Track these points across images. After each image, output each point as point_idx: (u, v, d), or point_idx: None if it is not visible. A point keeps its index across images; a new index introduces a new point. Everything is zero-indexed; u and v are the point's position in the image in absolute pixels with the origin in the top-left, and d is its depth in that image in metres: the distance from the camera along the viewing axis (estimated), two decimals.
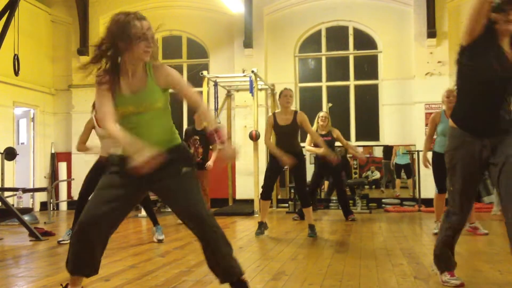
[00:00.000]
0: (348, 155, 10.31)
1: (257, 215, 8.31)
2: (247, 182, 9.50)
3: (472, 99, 3.13)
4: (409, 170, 10.34)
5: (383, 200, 9.89)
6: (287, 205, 9.62)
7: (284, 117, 6.05)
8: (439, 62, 9.91)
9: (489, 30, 3.04)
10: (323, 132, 7.78)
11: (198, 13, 11.14)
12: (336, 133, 7.94)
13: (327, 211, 9.28)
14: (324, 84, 10.85)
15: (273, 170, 6.15)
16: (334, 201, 9.55)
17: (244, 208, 8.93)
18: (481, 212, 8.13)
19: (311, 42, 10.97)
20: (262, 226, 6.21)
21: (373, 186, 11.14)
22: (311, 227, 5.99)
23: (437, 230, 6.06)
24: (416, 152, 9.71)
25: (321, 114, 7.96)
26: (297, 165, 6.01)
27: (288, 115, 6.04)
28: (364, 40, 10.71)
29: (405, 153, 10.32)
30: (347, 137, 10.12)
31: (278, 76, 10.60)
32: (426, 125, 9.83)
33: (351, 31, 10.74)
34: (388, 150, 10.53)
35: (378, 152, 10.92)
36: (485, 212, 8.30)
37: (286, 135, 6.00)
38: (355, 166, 11.07)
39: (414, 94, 10.07)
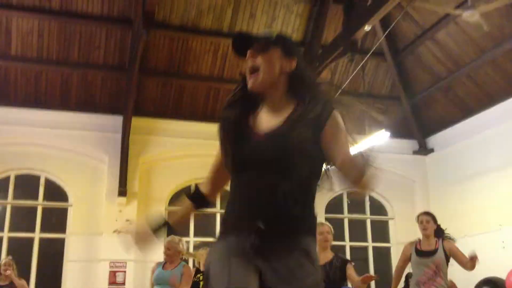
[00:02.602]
0: None
1: None
2: None
3: (234, 190, 2.06)
4: None
5: None
6: None
7: None
8: (127, 220, 10.26)
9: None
10: (5, 283, 7.37)
11: None
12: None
13: None
14: (6, 234, 10.02)
15: None
16: None
17: None
18: None
19: None
20: None
21: None
22: None
23: None
24: None
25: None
26: None
27: None
28: (55, 192, 10.51)
29: None
30: None
31: None
32: (110, 283, 9.84)
33: (42, 181, 10.45)
34: None
35: None
36: None
37: None
38: None
39: (100, 251, 10.04)
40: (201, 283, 6.17)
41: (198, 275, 6.43)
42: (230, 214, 1.98)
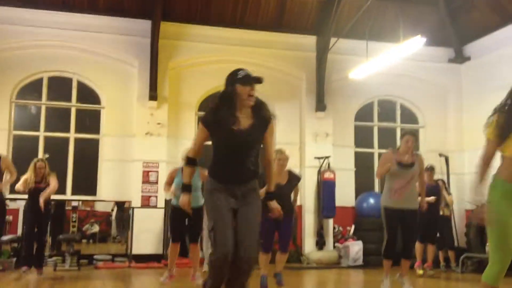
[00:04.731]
0: (67, 207, 10.23)
1: None
2: None
3: (220, 158, 3.78)
4: None
5: (95, 257, 9.71)
6: None
7: None
8: (158, 123, 10.43)
9: (227, 102, 3.66)
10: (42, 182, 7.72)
11: None
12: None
13: None
14: (42, 133, 10.41)
15: None
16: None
17: None
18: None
19: (32, 89, 10.50)
20: None
21: (91, 241, 11.01)
22: None
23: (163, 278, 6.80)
24: (132, 209, 9.91)
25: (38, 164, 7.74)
26: None
27: None
28: (88, 94, 10.72)
29: None
30: (63, 191, 9.95)
31: None
32: (143, 182, 10.24)
33: (75, 84, 10.64)
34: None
35: (99, 206, 10.89)
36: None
37: None
38: (74, 219, 10.80)
39: (134, 152, 10.36)
40: None
41: None
42: (221, 174, 3.78)
